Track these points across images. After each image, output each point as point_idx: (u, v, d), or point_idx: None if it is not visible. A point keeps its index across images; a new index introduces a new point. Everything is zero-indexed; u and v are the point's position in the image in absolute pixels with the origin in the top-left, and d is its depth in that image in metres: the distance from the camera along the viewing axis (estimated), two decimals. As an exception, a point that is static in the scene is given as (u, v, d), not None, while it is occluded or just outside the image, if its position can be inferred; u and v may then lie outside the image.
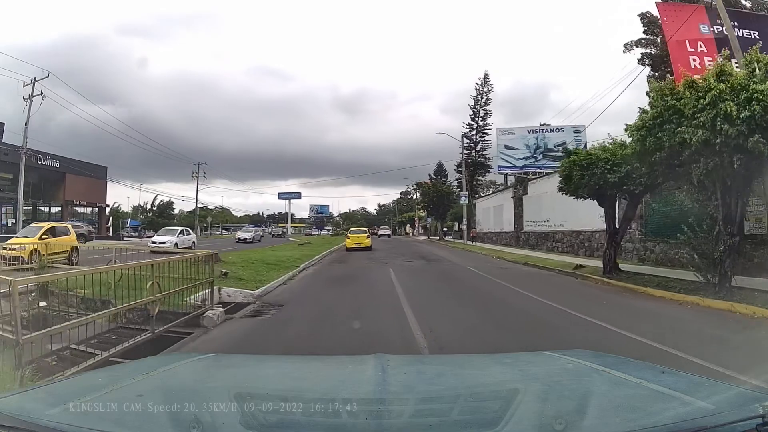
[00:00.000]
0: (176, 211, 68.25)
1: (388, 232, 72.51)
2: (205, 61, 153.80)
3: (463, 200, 39.70)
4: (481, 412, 1.47)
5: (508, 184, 40.12)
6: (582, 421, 1.28)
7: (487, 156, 56.94)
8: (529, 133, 35.92)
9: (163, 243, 24.90)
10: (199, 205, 78.35)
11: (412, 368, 2.04)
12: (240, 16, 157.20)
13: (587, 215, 20.53)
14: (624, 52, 26.89)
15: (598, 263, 15.07)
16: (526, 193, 31.71)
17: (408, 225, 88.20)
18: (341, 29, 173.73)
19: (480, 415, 1.43)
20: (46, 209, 43.35)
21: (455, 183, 58.02)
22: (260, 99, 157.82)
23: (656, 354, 5.12)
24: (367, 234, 32.19)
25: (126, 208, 66.29)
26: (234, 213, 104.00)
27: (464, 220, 39.08)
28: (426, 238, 57.01)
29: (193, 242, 28.41)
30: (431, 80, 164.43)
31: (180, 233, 28.05)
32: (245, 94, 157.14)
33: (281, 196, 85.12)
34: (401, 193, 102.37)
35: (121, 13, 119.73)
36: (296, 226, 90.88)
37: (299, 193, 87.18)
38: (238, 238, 40.91)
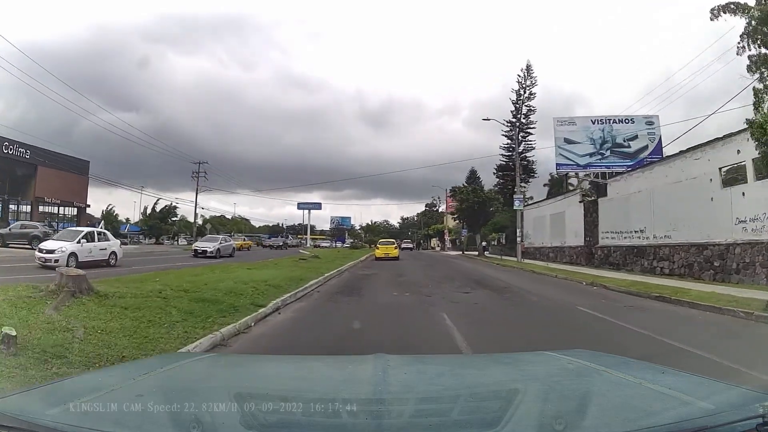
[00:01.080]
0: (179, 217, 64.39)
1: (411, 245, 69.61)
2: (232, 70, 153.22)
3: (518, 205, 31.25)
4: (481, 412, 1.47)
5: (548, 192, 37.15)
6: (582, 421, 1.28)
7: (530, 159, 49.60)
8: (593, 123, 28.90)
9: (51, 253, 15.94)
10: (215, 214, 76.29)
11: (412, 368, 2.05)
12: (268, 25, 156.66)
13: (716, 219, 15.35)
14: (711, 19, 23.76)
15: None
16: (604, 195, 24.93)
17: (435, 238, 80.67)
18: (369, 41, 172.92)
19: (480, 415, 1.43)
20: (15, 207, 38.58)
21: (495, 189, 50.97)
22: (286, 109, 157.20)
23: None
24: (395, 245, 35.78)
25: (134, 213, 63.22)
26: (254, 223, 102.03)
27: (519, 231, 30.78)
28: (460, 253, 48.49)
29: (114, 253, 18.87)
30: (458, 93, 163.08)
31: (84, 238, 17.48)
32: (271, 105, 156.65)
33: (300, 206, 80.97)
34: (426, 205, 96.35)
35: (147, 19, 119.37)
36: (316, 238, 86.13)
37: (319, 204, 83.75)
38: (195, 251, 29.55)
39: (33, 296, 6.87)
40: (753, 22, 22.94)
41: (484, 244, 44.82)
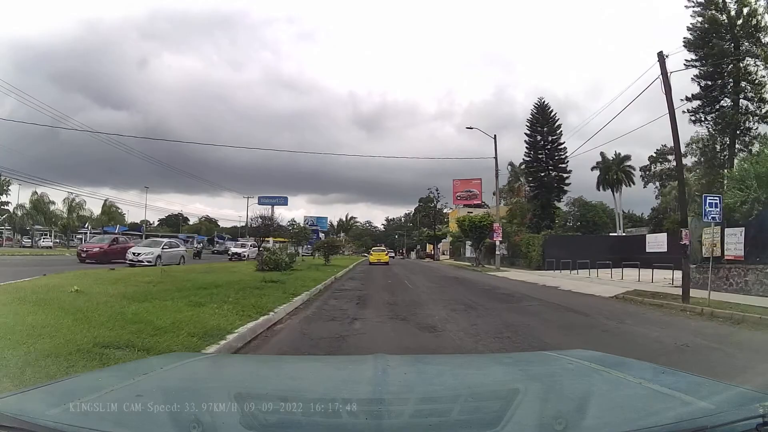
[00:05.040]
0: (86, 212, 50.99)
1: (392, 253, 58.05)
2: (222, 71, 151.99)
3: None
4: (481, 412, 1.47)
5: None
6: (582, 421, 1.28)
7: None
8: None
9: None
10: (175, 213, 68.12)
11: (412, 368, 2.05)
12: (259, 25, 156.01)
13: None
14: None
15: None
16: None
17: (432, 244, 62.23)
18: (362, 43, 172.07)
19: (480, 415, 1.43)
20: None
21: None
22: (276, 112, 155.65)
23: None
24: (386, 252, 41.04)
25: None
26: (223, 224, 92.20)
27: None
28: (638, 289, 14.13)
29: None
30: (450, 98, 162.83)
31: None
32: (261, 107, 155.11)
33: (262, 201, 62.00)
34: (420, 201, 77.46)
35: (138, 17, 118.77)
36: (282, 241, 74.70)
37: (285, 198, 65.16)
38: None
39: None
40: None
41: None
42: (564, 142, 35.62)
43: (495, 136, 30.96)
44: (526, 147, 36.45)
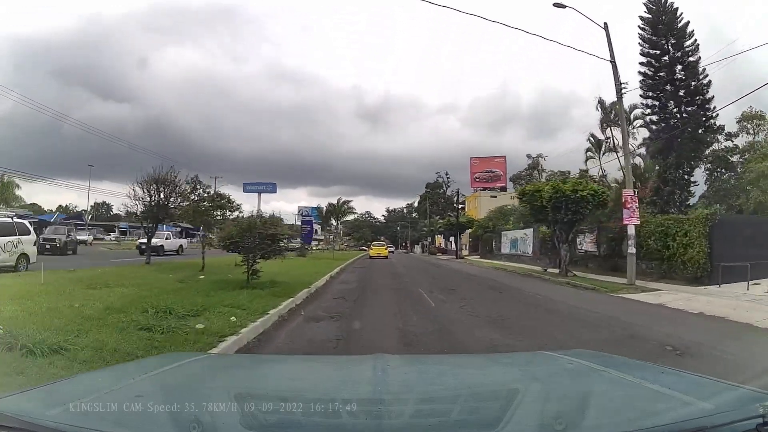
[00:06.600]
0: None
1: (391, 248, 51.49)
2: (223, 64, 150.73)
3: None
4: (481, 412, 1.47)
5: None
6: (582, 421, 1.28)
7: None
8: None
9: None
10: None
11: (412, 368, 2.06)
12: (261, 18, 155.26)
13: None
14: None
15: None
16: None
17: (461, 234, 43.88)
18: (366, 37, 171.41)
19: (480, 415, 1.43)
20: None
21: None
22: (278, 105, 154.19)
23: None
24: (386, 246, 40.90)
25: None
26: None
27: None
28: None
29: None
30: (454, 92, 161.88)
31: None
32: (263, 100, 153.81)
33: (247, 188, 51.04)
34: (428, 186, 67.04)
35: (138, 10, 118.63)
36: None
37: (273, 184, 54.78)
38: None
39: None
40: None
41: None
42: (700, 58, 21.80)
43: (606, 23, 15.56)
44: (643, 63, 22.16)
